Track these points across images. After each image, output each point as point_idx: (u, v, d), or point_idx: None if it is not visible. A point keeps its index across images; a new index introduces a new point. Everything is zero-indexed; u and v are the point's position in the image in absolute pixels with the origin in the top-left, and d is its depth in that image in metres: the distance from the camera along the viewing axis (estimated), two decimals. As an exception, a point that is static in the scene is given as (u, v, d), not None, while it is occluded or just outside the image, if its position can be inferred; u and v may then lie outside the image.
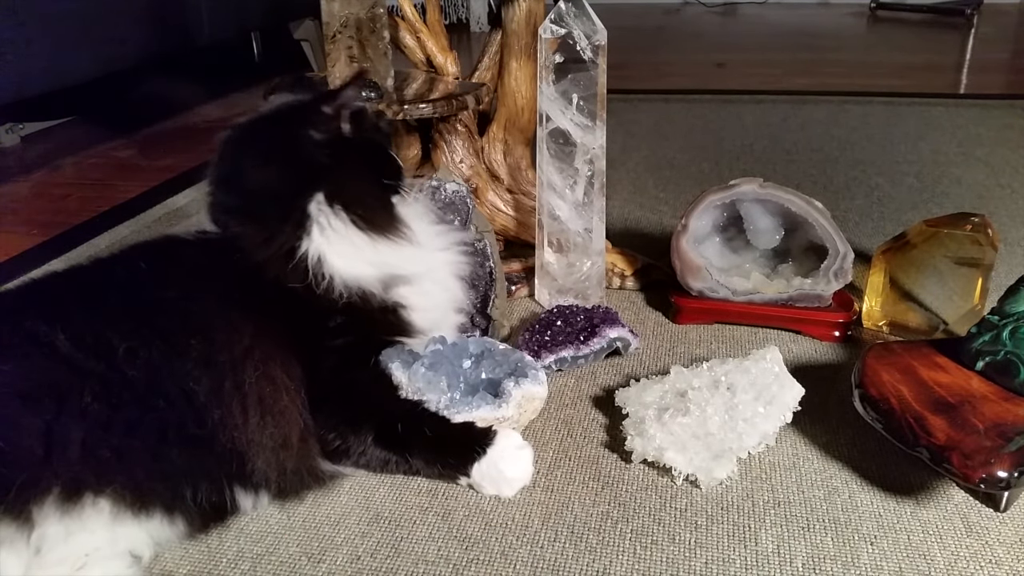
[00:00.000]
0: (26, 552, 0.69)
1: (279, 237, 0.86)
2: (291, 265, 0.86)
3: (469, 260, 1.02)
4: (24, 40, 1.78)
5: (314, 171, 0.87)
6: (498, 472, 0.83)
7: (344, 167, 0.89)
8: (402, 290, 0.92)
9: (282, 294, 0.86)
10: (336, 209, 0.87)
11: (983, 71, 2.83)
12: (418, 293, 0.93)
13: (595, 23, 1.11)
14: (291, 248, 0.86)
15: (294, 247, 0.86)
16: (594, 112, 1.14)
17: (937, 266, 1.10)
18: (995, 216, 1.43)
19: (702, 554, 0.77)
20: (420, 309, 0.94)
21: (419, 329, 0.94)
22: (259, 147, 0.89)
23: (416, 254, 0.92)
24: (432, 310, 0.95)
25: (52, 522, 0.69)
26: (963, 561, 0.76)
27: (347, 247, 0.88)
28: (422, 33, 1.31)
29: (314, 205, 0.87)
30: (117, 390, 0.74)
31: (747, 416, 0.89)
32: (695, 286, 1.16)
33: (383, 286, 0.90)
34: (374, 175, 0.92)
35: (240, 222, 0.87)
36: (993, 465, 0.75)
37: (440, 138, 1.28)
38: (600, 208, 1.18)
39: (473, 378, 0.95)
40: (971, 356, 0.90)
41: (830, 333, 1.13)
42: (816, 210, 1.12)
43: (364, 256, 0.88)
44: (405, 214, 0.94)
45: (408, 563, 0.77)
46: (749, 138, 2.06)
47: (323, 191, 0.87)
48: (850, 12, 4.05)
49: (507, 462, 0.84)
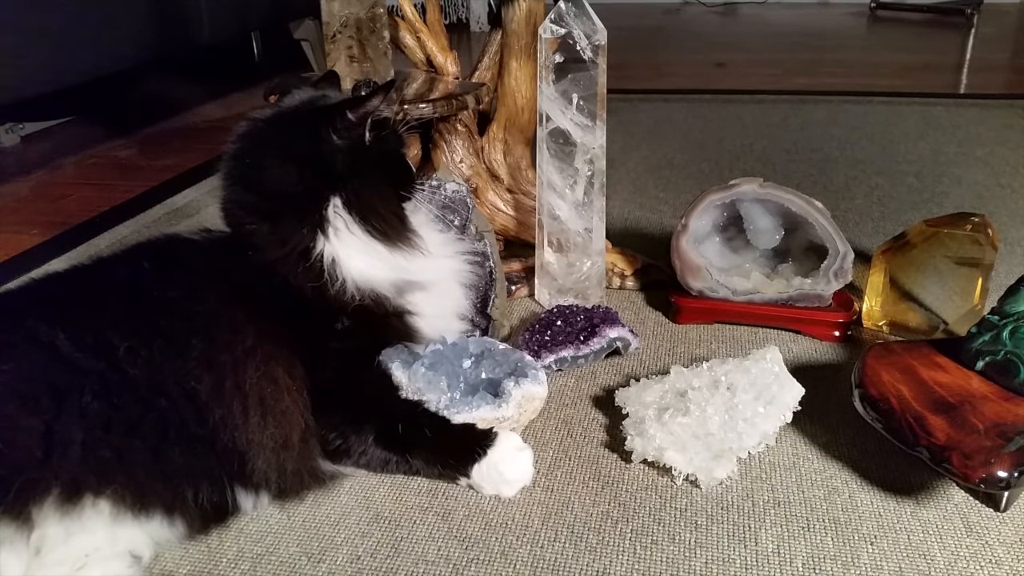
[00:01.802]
0: (26, 552, 0.69)
1: (295, 237, 0.86)
2: (305, 265, 0.86)
3: (474, 268, 1.03)
4: (24, 40, 1.78)
5: (334, 175, 0.87)
6: (498, 473, 0.83)
7: (362, 174, 0.88)
8: (412, 296, 0.92)
9: (287, 294, 0.86)
10: (353, 215, 0.87)
11: (983, 71, 2.83)
12: (427, 300, 0.94)
13: (595, 23, 1.11)
14: (306, 248, 0.86)
15: (309, 247, 0.86)
16: (594, 112, 1.14)
17: (937, 266, 1.10)
18: (995, 216, 1.43)
19: (702, 554, 0.77)
20: (427, 316, 0.94)
21: (424, 335, 0.94)
22: (280, 145, 0.88)
23: (427, 262, 0.92)
24: (438, 317, 0.96)
25: (52, 523, 0.69)
26: (963, 561, 0.76)
27: (362, 251, 0.88)
28: (422, 33, 1.31)
29: (331, 209, 0.87)
30: (118, 390, 0.74)
31: (747, 416, 0.89)
32: (695, 286, 1.16)
33: (397, 291, 0.90)
34: (390, 184, 0.92)
35: (255, 219, 0.87)
36: (993, 465, 0.75)
37: (440, 138, 1.28)
38: (600, 208, 1.18)
39: (473, 378, 0.95)
40: (971, 356, 0.90)
41: (830, 333, 1.13)
42: (816, 210, 1.12)
43: (379, 261, 0.89)
44: (416, 222, 0.94)
45: (408, 563, 0.77)
46: (749, 138, 2.06)
47: (341, 196, 0.87)
48: (850, 12, 4.05)
49: (507, 464, 0.84)
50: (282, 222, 0.86)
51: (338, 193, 0.87)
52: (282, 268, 0.86)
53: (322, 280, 0.86)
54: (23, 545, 0.69)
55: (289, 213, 0.86)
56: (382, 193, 0.91)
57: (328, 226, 0.86)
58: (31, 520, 0.69)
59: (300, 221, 0.86)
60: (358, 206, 0.87)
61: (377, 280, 0.89)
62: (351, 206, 0.87)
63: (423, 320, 0.94)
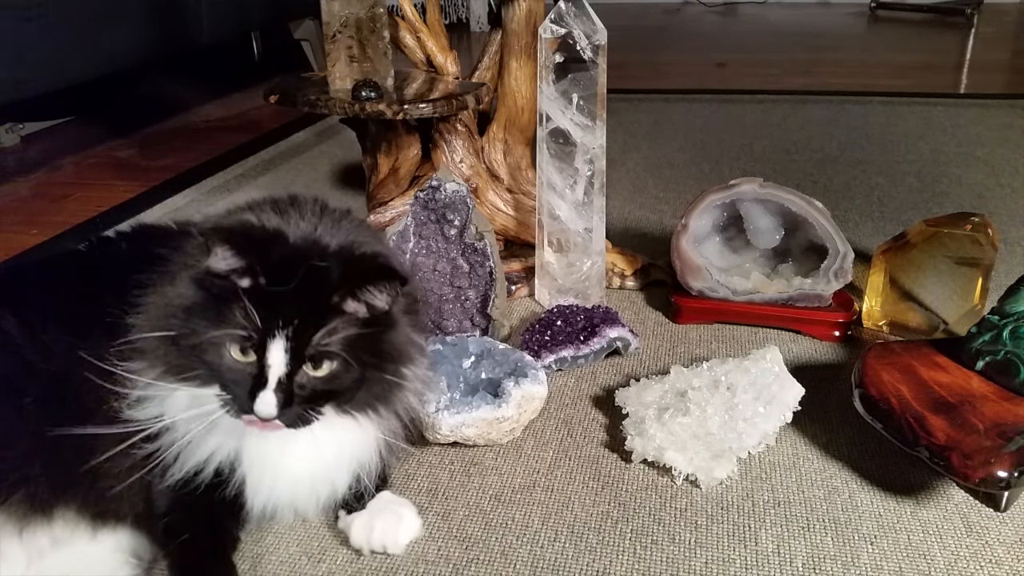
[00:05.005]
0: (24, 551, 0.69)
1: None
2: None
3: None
4: (24, 40, 1.78)
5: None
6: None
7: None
8: None
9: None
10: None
11: (983, 71, 2.83)
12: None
13: (595, 23, 1.11)
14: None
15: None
16: (594, 112, 1.13)
17: (937, 266, 1.10)
18: (995, 216, 1.43)
19: (702, 554, 0.77)
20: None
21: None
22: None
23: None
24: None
25: (61, 523, 0.70)
26: (963, 561, 0.76)
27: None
28: (422, 33, 1.31)
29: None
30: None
31: (747, 416, 0.89)
32: (695, 286, 1.16)
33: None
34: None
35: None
36: (993, 465, 0.75)
37: (440, 138, 1.28)
38: (600, 208, 1.18)
39: (473, 378, 0.95)
40: (971, 356, 0.90)
41: (830, 333, 1.13)
42: (816, 210, 1.12)
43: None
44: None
45: (408, 563, 0.77)
46: (749, 138, 2.06)
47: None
48: (850, 12, 4.04)
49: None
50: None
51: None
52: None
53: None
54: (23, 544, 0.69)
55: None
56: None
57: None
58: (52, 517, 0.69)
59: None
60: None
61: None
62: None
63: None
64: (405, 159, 1.31)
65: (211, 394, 0.67)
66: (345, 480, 0.76)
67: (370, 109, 1.16)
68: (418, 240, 1.11)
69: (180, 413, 0.69)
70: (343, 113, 1.19)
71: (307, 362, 0.65)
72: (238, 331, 0.64)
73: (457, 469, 0.90)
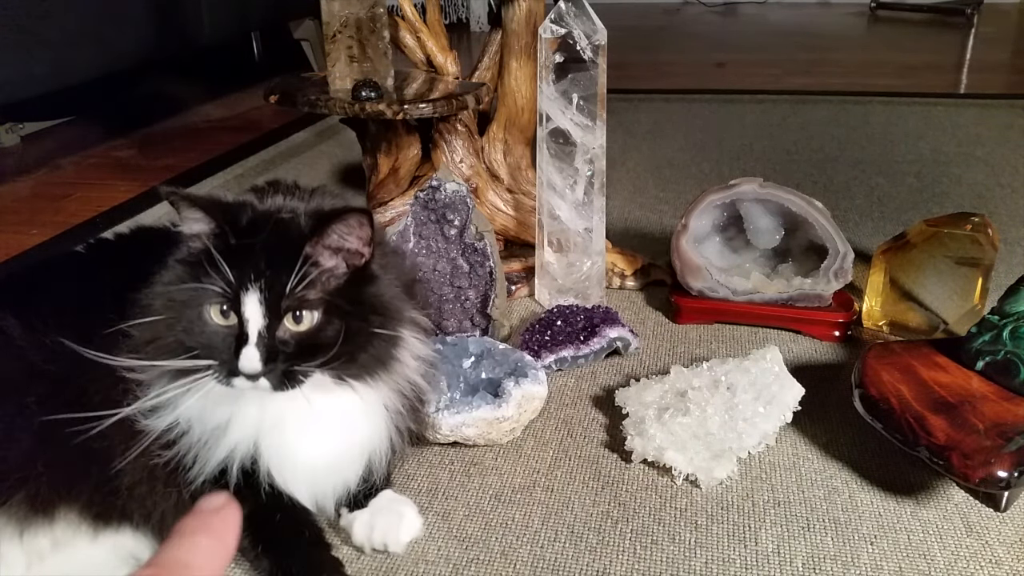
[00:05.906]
0: (24, 553, 0.69)
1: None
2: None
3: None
4: (24, 40, 1.78)
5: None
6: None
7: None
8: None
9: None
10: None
11: (983, 71, 2.83)
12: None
13: (595, 23, 1.11)
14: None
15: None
16: (594, 112, 1.13)
17: (937, 266, 1.10)
18: (995, 216, 1.43)
19: (702, 554, 0.77)
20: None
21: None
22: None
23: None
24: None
25: (62, 525, 0.70)
26: (963, 561, 0.76)
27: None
28: (422, 33, 1.31)
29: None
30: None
31: (747, 416, 0.89)
32: (695, 286, 1.16)
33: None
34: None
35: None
36: (993, 465, 0.75)
37: (440, 138, 1.28)
38: (600, 208, 1.18)
39: (473, 378, 0.95)
40: (971, 356, 0.90)
41: (830, 333, 1.13)
42: (816, 210, 1.12)
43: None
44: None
45: (408, 563, 0.77)
46: (749, 138, 2.06)
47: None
48: (850, 12, 4.04)
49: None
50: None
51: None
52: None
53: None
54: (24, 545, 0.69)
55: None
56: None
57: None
58: (53, 517, 0.69)
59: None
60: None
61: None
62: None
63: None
64: (405, 159, 1.31)
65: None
66: (357, 469, 0.76)
67: (370, 109, 1.16)
68: (418, 240, 1.11)
69: (193, 416, 0.69)
70: (343, 113, 1.19)
71: (286, 315, 0.65)
72: (212, 287, 0.64)
73: (457, 469, 0.90)
